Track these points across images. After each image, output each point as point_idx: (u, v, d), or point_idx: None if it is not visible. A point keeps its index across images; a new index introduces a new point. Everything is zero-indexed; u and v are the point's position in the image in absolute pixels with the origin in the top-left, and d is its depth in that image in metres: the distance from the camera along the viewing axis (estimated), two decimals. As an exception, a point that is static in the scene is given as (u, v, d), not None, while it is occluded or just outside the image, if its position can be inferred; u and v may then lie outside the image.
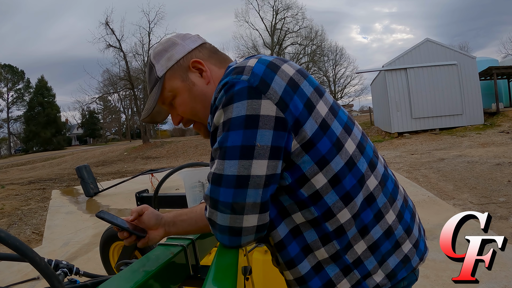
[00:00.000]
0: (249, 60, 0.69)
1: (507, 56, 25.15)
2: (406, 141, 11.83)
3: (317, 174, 0.67)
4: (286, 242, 0.73)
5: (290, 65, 0.70)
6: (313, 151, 0.66)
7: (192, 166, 1.53)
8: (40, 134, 41.16)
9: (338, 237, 0.70)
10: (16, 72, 42.89)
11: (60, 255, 4.00)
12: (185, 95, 0.80)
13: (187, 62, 0.80)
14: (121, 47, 23.22)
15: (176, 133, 42.41)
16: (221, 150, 0.65)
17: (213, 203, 0.67)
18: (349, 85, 34.99)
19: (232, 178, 0.64)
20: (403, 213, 0.78)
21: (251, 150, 0.63)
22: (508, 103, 15.24)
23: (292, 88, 0.66)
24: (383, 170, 0.78)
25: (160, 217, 0.80)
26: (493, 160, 6.66)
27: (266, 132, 0.63)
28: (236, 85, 0.64)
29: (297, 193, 0.69)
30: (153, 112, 0.85)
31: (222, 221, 0.67)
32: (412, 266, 0.76)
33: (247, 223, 0.66)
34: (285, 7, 29.22)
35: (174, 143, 21.10)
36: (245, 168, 0.63)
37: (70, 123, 52.12)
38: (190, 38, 0.84)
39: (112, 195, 7.66)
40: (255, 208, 0.65)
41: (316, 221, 0.70)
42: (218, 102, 0.66)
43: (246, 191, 0.64)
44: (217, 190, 0.66)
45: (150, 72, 0.83)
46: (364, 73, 22.76)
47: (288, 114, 0.64)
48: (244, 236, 0.67)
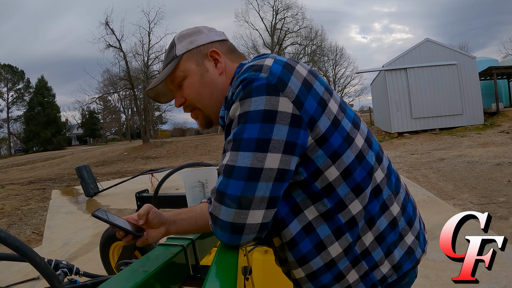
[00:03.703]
0: (266, 60, 0.71)
1: (507, 56, 25.14)
2: (406, 141, 11.83)
3: (330, 167, 0.70)
4: (298, 239, 0.74)
5: (302, 66, 0.73)
6: (326, 145, 0.69)
7: (192, 166, 1.53)
8: (40, 134, 41.15)
9: (350, 229, 0.72)
10: (16, 72, 42.88)
11: (60, 255, 4.00)
12: (195, 78, 0.83)
13: (206, 50, 0.84)
14: (121, 47, 23.20)
15: (176, 133, 42.45)
16: (236, 142, 0.66)
17: (219, 197, 0.67)
18: (349, 85, 35.06)
19: (244, 170, 0.65)
20: (405, 205, 0.81)
21: (266, 143, 0.64)
22: (508, 103, 15.24)
23: (307, 88, 0.69)
24: (388, 163, 0.81)
25: (162, 215, 0.81)
26: (493, 160, 6.66)
27: (282, 127, 0.65)
28: (254, 81, 0.67)
29: (311, 187, 0.71)
30: (159, 90, 0.88)
31: (225, 216, 0.66)
32: (416, 257, 0.79)
33: (251, 219, 0.66)
34: (285, 7, 29.25)
35: (174, 143, 21.10)
36: (259, 160, 0.64)
37: (70, 123, 52.11)
38: (215, 31, 0.89)
39: (112, 195, 7.66)
40: (263, 203, 0.66)
41: (329, 214, 0.71)
42: (235, 97, 0.68)
43: (256, 185, 0.65)
44: (226, 182, 0.66)
45: (170, 50, 0.86)
46: (364, 73, 22.78)
47: (304, 112, 0.67)
48: (245, 234, 0.67)
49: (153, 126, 40.00)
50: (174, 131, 44.84)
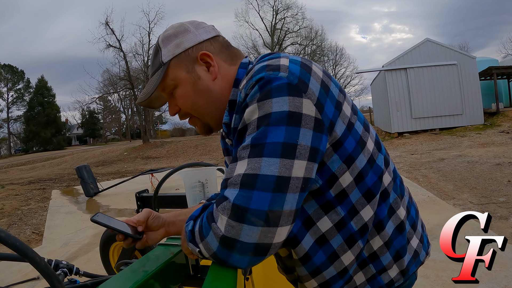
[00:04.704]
0: (281, 59, 0.66)
1: (507, 56, 25.14)
2: (406, 141, 11.83)
3: (345, 172, 0.66)
4: (312, 253, 0.70)
5: (317, 66, 0.68)
6: (340, 150, 0.66)
7: (192, 166, 1.53)
8: (40, 134, 41.15)
9: (362, 236, 0.70)
10: (16, 72, 42.88)
11: (60, 255, 4.00)
12: (187, 87, 0.76)
13: (195, 53, 0.75)
14: (121, 47, 23.22)
15: (176, 133, 42.41)
16: (258, 147, 0.58)
17: (239, 213, 0.56)
18: (349, 85, 34.98)
19: (271, 179, 0.56)
20: (409, 208, 0.80)
21: (293, 148, 0.58)
22: (508, 103, 15.24)
23: (325, 91, 0.64)
24: (393, 166, 0.79)
25: (161, 218, 0.80)
26: (493, 160, 6.66)
27: (307, 132, 0.59)
28: (273, 81, 0.60)
29: (325, 195, 0.67)
30: (151, 97, 0.80)
31: (248, 237, 0.56)
32: (420, 260, 0.79)
33: (278, 237, 0.58)
34: (285, 7, 29.24)
35: (174, 143, 21.09)
36: (287, 168, 0.57)
37: (70, 123, 52.12)
38: (204, 27, 0.79)
39: (112, 195, 7.65)
40: (290, 217, 0.58)
41: (342, 222, 0.68)
42: (250, 98, 0.61)
43: (285, 196, 0.57)
44: (248, 195, 0.56)
45: (155, 55, 0.78)
46: (364, 73, 22.77)
47: (324, 116, 0.62)
48: (267, 255, 0.59)
49: (153, 126, 39.98)
50: (174, 131, 44.77)
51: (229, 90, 0.77)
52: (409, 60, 12.84)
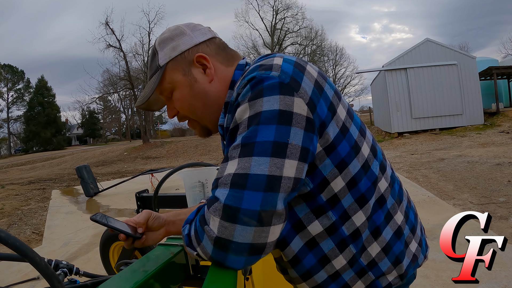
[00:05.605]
0: (274, 59, 0.66)
1: (507, 56, 25.13)
2: (406, 141, 11.83)
3: (336, 177, 0.66)
4: (301, 256, 0.70)
5: (312, 67, 0.68)
6: (333, 154, 0.65)
7: (192, 166, 1.53)
8: (40, 134, 41.15)
9: (354, 241, 0.69)
10: (16, 72, 42.89)
11: (60, 255, 4.00)
12: (184, 90, 0.76)
13: (192, 55, 0.76)
14: (121, 47, 23.22)
15: (176, 133, 42.42)
16: (247, 146, 0.58)
17: (230, 214, 0.55)
18: (349, 85, 35.01)
19: (262, 178, 0.56)
20: (408, 213, 0.80)
21: (284, 147, 0.57)
22: (508, 103, 15.23)
23: (318, 91, 0.64)
24: (390, 172, 0.78)
25: (161, 218, 0.80)
26: (493, 160, 6.66)
27: (298, 131, 0.59)
28: (265, 80, 0.61)
29: (316, 199, 0.66)
30: (149, 100, 0.81)
31: (242, 238, 0.56)
32: (418, 264, 0.78)
33: (272, 236, 0.58)
34: (285, 7, 29.25)
35: (174, 143, 21.09)
36: (278, 167, 0.57)
37: (70, 123, 52.14)
38: (200, 30, 0.79)
39: (112, 195, 7.66)
40: (282, 216, 0.58)
41: (334, 227, 0.68)
42: (242, 98, 0.62)
43: (277, 195, 0.57)
44: (239, 195, 0.56)
45: (153, 58, 0.79)
46: (364, 73, 22.78)
47: (316, 116, 0.62)
48: (263, 255, 0.59)
49: (153, 126, 39.99)
50: (174, 131, 44.78)
51: (226, 92, 0.77)
52: (409, 60, 12.84)
